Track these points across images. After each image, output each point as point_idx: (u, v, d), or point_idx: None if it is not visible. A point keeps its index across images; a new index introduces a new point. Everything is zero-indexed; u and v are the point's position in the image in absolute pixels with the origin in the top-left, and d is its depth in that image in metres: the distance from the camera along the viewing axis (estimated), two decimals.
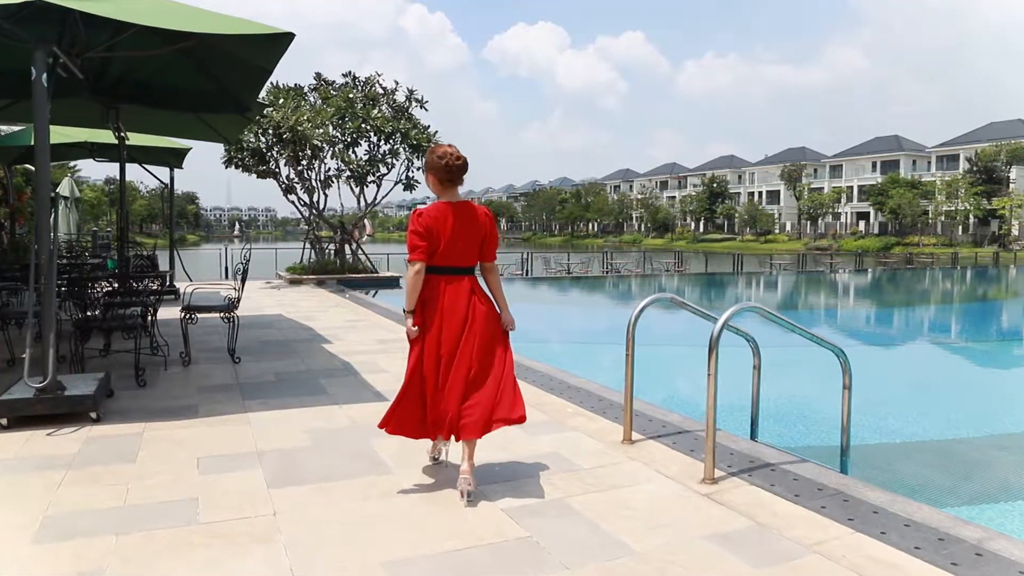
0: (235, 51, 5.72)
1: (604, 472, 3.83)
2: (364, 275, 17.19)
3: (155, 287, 6.87)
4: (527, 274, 25.19)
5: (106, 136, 9.63)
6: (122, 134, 9.04)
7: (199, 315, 7.01)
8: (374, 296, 14.03)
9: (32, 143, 11.15)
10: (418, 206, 3.56)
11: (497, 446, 4.24)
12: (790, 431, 6.23)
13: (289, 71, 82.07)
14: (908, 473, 5.51)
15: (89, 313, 5.85)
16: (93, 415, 4.61)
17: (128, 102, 7.46)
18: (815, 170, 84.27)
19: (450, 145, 3.57)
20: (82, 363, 5.80)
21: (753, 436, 4.93)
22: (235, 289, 7.02)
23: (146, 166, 12.80)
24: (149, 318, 6.75)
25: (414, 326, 3.46)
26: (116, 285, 6.91)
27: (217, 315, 7.05)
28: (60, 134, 10.79)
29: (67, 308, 6.65)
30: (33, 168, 16.14)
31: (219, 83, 6.74)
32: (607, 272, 27.57)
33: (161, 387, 5.70)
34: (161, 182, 13.84)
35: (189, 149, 12.05)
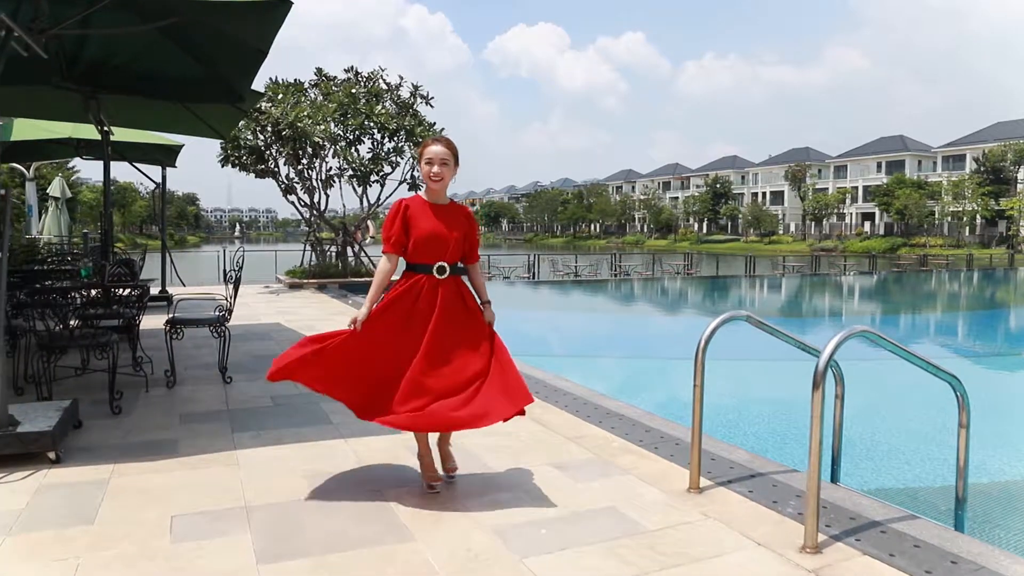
0: (225, 27, 4.97)
1: (678, 536, 3.07)
2: (367, 279, 16.44)
3: (136, 296, 6.10)
4: (534, 277, 24.38)
5: (92, 132, 8.88)
6: (105, 128, 8.27)
7: (187, 328, 6.26)
8: None
9: (13, 138, 10.40)
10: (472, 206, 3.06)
11: (539, 497, 3.48)
12: (857, 468, 5.42)
13: (288, 71, 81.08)
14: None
15: (55, 328, 5.09)
16: (51, 455, 3.86)
17: (108, 91, 6.70)
18: (819, 170, 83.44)
19: None
20: (50, 386, 5.05)
21: (834, 478, 4.17)
22: (227, 298, 6.28)
23: (136, 164, 12.02)
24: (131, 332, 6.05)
25: None
26: (91, 295, 6.15)
27: (206, 328, 6.30)
28: (42, 129, 10.07)
29: (34, 322, 5.88)
30: (17, 165, 15.44)
31: (209, 67, 5.98)
32: (616, 275, 26.80)
33: (139, 414, 4.94)
34: (153, 181, 13.00)
35: (182, 146, 11.29)
